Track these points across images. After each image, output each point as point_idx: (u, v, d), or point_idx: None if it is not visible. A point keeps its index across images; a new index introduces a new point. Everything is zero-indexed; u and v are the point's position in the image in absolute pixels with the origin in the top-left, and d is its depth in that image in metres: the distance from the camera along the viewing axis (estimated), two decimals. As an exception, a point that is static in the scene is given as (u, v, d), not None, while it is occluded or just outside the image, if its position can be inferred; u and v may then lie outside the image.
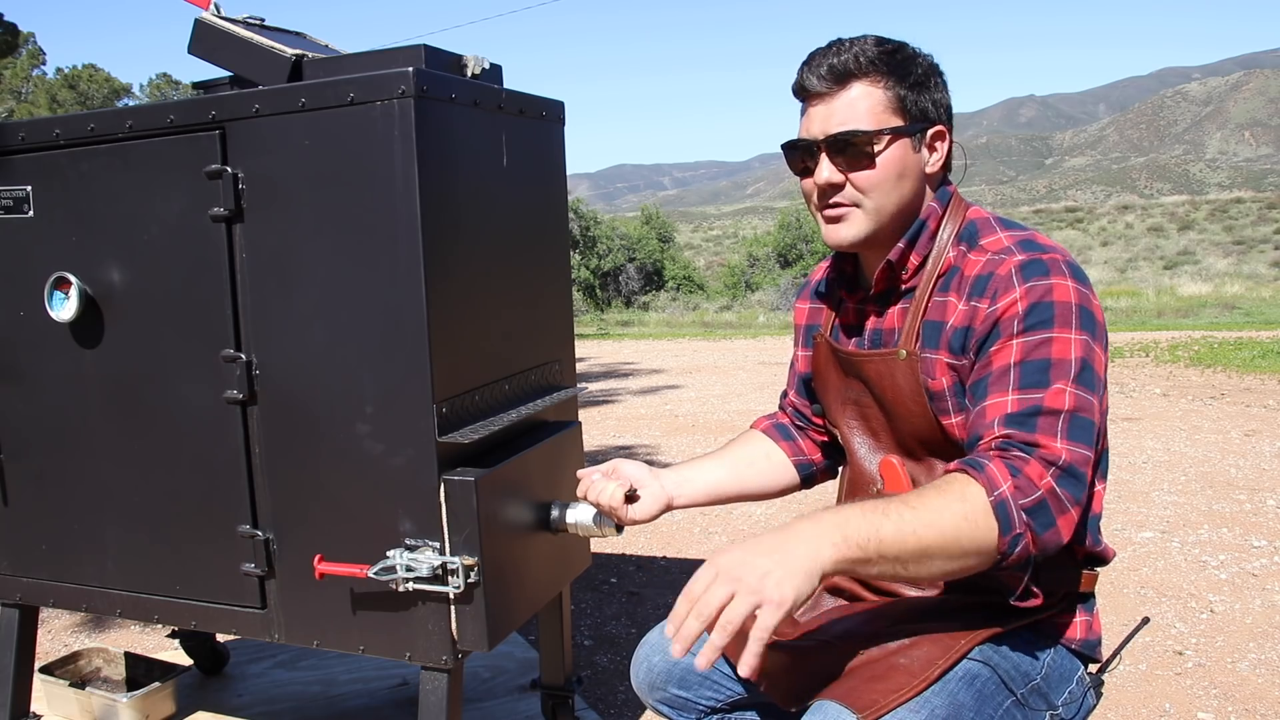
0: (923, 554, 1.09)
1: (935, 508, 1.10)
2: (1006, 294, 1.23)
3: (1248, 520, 4.05)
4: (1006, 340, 1.21)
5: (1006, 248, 1.28)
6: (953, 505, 1.10)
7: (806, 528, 1.07)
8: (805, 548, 1.04)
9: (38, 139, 1.77)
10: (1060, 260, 1.25)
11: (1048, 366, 1.18)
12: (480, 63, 1.72)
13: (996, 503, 1.10)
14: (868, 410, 1.42)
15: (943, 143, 1.35)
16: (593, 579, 3.53)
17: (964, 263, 1.31)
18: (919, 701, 1.18)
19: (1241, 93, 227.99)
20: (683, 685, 1.50)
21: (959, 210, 1.37)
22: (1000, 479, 1.12)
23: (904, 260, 1.35)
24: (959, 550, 1.10)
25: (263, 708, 2.30)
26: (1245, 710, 2.46)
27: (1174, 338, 10.84)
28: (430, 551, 1.53)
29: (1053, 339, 1.19)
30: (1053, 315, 1.20)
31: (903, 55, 1.32)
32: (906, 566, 1.09)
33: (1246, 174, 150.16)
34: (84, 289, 1.74)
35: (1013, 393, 1.18)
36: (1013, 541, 1.10)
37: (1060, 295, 1.21)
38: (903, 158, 1.31)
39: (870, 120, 1.29)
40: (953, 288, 1.31)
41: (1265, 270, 28.19)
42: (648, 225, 32.28)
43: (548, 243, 1.91)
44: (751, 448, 1.65)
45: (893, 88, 1.30)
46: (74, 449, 1.83)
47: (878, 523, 1.07)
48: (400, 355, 1.52)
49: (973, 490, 1.11)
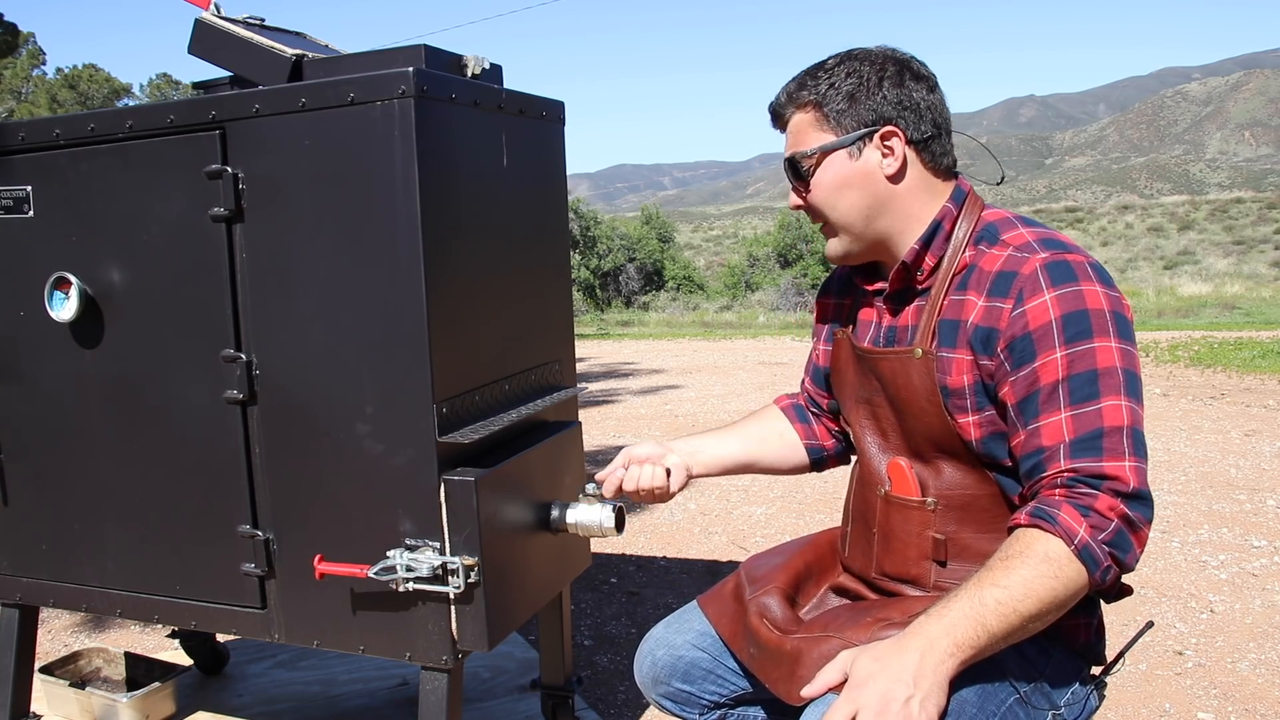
0: (1028, 621, 1.14)
1: (1026, 580, 1.13)
2: (1034, 297, 1.21)
3: (1248, 520, 4.05)
4: (1049, 354, 1.20)
5: (1028, 243, 1.27)
6: (1040, 570, 1.13)
7: (920, 645, 1.12)
8: (930, 666, 1.10)
9: (38, 139, 1.77)
10: (1085, 263, 1.24)
11: (1095, 377, 1.18)
12: (480, 63, 1.72)
13: (1080, 549, 1.13)
14: (879, 410, 1.42)
15: (897, 140, 1.32)
16: (593, 579, 3.53)
17: (982, 259, 1.30)
18: None
19: (1241, 93, 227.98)
20: (687, 679, 1.50)
21: (974, 210, 1.36)
22: (1075, 525, 1.14)
23: (919, 261, 1.35)
24: (1060, 605, 1.15)
25: (263, 708, 2.30)
26: (1245, 710, 2.46)
27: (1174, 338, 10.84)
28: (430, 551, 1.53)
29: (1095, 349, 1.19)
30: (1090, 325, 1.19)
31: (839, 71, 1.34)
32: (1018, 636, 1.15)
33: (1246, 174, 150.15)
34: (84, 289, 1.74)
35: (1066, 410, 1.18)
36: (1103, 575, 1.14)
37: (1093, 302, 1.20)
38: (839, 170, 1.34)
39: (806, 144, 1.36)
40: (971, 285, 1.30)
41: (1265, 270, 28.18)
42: (648, 225, 32.28)
43: (548, 243, 1.91)
44: (767, 425, 1.69)
45: (819, 106, 1.34)
46: (74, 449, 1.83)
47: (981, 617, 1.12)
48: (400, 355, 1.52)
49: (1054, 547, 1.14)
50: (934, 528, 1.33)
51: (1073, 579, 1.13)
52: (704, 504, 4.59)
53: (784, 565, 1.51)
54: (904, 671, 1.10)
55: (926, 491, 1.34)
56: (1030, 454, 1.21)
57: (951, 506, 1.33)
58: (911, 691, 1.08)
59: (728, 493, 4.78)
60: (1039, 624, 1.15)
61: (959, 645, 1.11)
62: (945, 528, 1.32)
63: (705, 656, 1.50)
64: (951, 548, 1.32)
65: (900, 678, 1.09)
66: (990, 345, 1.25)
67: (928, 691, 1.09)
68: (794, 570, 1.51)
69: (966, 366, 1.28)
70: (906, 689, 1.08)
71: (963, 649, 1.11)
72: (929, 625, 1.13)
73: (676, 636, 1.54)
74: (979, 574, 1.16)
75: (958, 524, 1.32)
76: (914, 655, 1.11)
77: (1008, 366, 1.23)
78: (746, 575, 1.52)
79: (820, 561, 1.54)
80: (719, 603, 1.53)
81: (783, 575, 1.48)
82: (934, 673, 1.10)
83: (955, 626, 1.12)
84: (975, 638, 1.11)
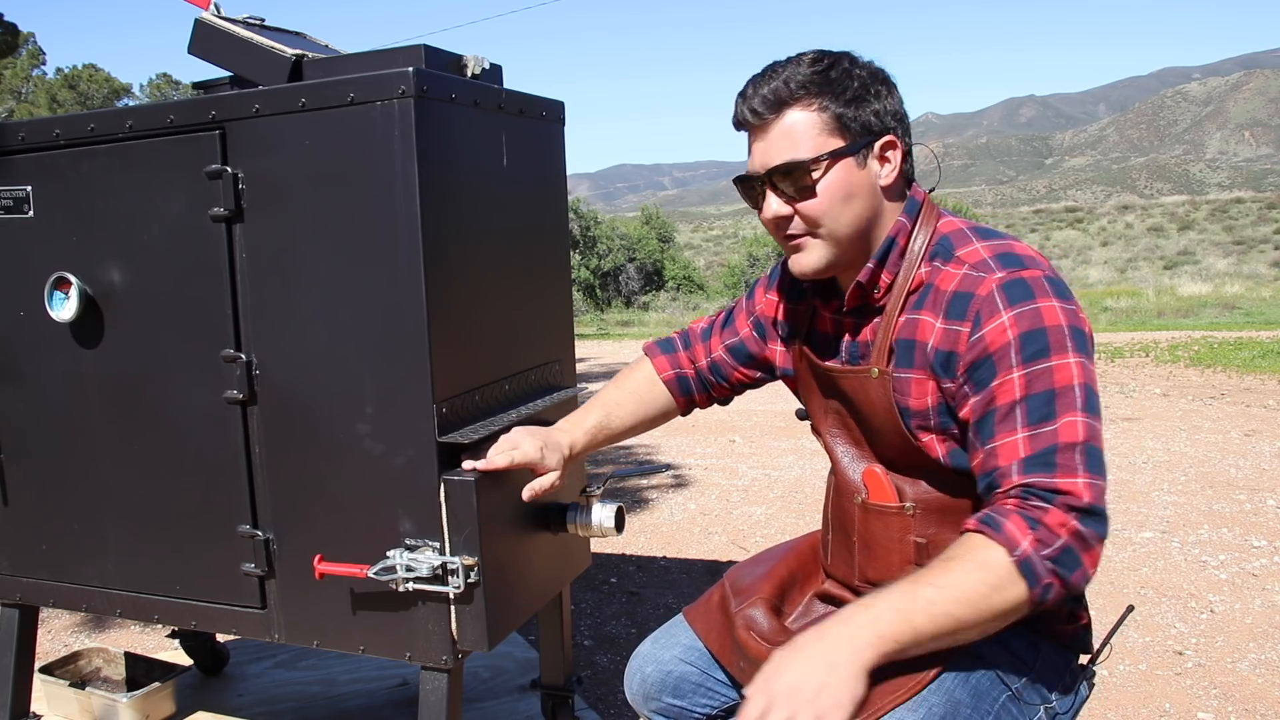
0: (959, 628, 1.11)
1: (961, 583, 1.11)
2: (991, 319, 1.19)
3: (1248, 520, 4.05)
4: (1006, 374, 1.18)
5: (984, 261, 1.23)
6: (976, 576, 1.11)
7: (841, 633, 1.10)
8: (846, 654, 1.08)
9: (38, 139, 1.77)
10: (1042, 277, 1.21)
11: (1053, 397, 1.15)
12: (480, 63, 1.72)
13: (1020, 561, 1.10)
14: (849, 420, 1.40)
15: (895, 151, 1.29)
16: (593, 579, 3.53)
17: (938, 277, 1.27)
18: (916, 701, 1.19)
19: (1241, 93, 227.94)
20: (677, 694, 1.49)
21: (930, 221, 1.31)
22: (1019, 536, 1.11)
23: (874, 280, 1.32)
24: (994, 615, 1.12)
25: (263, 708, 2.30)
26: (1245, 710, 2.46)
27: (1174, 338, 10.84)
28: (430, 551, 1.53)
29: (1053, 368, 1.16)
30: (1048, 343, 1.16)
31: (837, 70, 1.26)
32: (947, 640, 1.13)
33: (1246, 174, 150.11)
34: (84, 289, 1.74)
35: (1023, 430, 1.16)
36: (1043, 591, 1.11)
37: (1051, 319, 1.17)
38: (847, 179, 1.26)
39: (808, 147, 1.25)
40: (927, 305, 1.27)
41: (1265, 270, 28.18)
42: (648, 225, 32.26)
43: (548, 243, 1.91)
44: (625, 388, 1.66)
45: (828, 107, 1.25)
46: (74, 449, 1.83)
47: (909, 612, 1.10)
48: (400, 355, 1.52)
49: (994, 555, 1.11)
50: (914, 532, 1.32)
51: (1009, 591, 1.11)
52: (704, 504, 4.59)
53: (768, 575, 1.50)
54: (819, 657, 1.08)
55: (904, 497, 1.32)
56: (987, 473, 1.19)
57: (930, 510, 1.31)
58: (823, 679, 1.06)
59: (728, 493, 4.78)
60: (974, 632, 1.13)
61: (881, 637, 1.09)
62: (926, 530, 1.31)
63: (694, 670, 1.49)
64: (934, 550, 1.30)
65: (814, 664, 1.08)
66: (951, 368, 1.23)
67: (840, 680, 1.07)
68: (778, 579, 1.49)
69: (929, 389, 1.26)
70: (819, 676, 1.07)
71: (885, 641, 1.09)
72: (855, 614, 1.12)
73: (664, 652, 1.52)
74: (919, 571, 1.15)
75: (938, 526, 1.31)
76: (831, 642, 1.10)
77: (968, 389, 1.22)
78: (731, 586, 1.50)
79: (804, 568, 1.53)
80: (706, 616, 1.51)
81: (767, 585, 1.47)
82: (851, 661, 1.08)
83: (881, 618, 1.10)
84: (900, 632, 1.09)
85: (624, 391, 1.65)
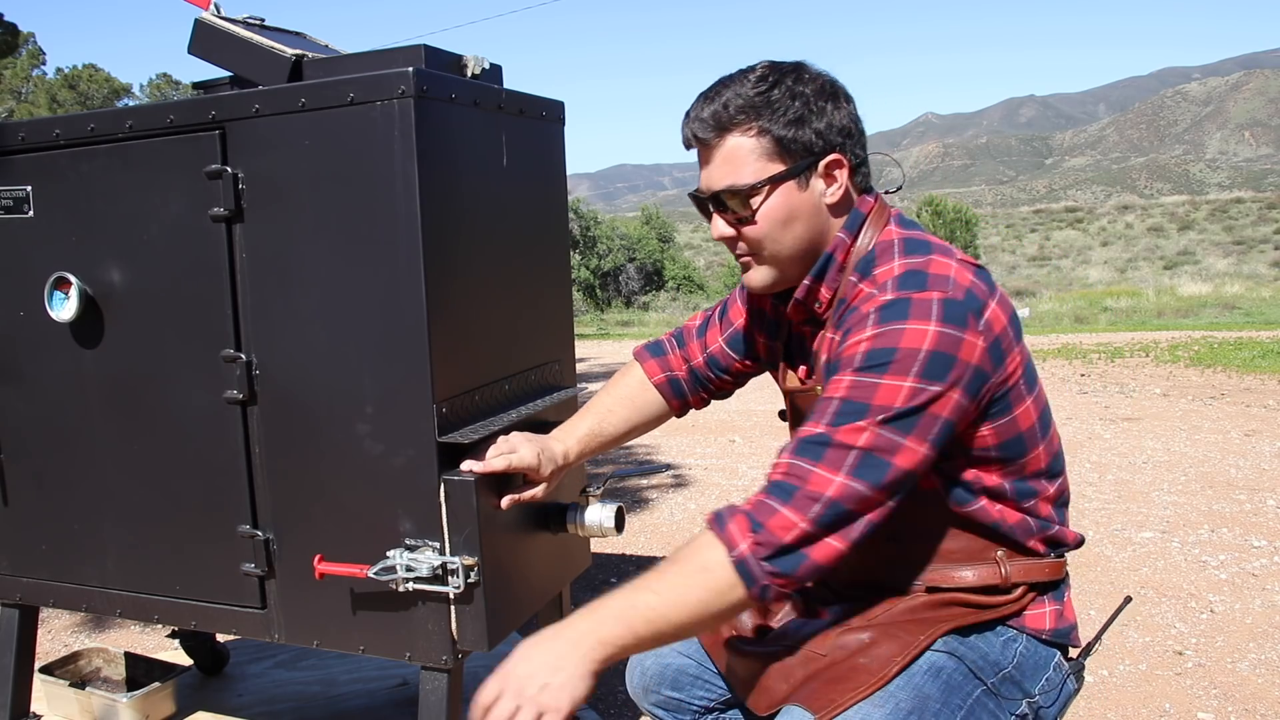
0: (682, 628, 1.16)
1: (679, 587, 1.15)
2: (857, 333, 1.19)
3: (1248, 520, 4.05)
4: (841, 374, 1.18)
5: (888, 280, 1.22)
6: (695, 579, 1.14)
7: (570, 635, 1.15)
8: (572, 658, 1.13)
9: (38, 139, 1.77)
10: (935, 299, 1.16)
11: (865, 410, 1.14)
12: (480, 63, 1.72)
13: (736, 562, 1.13)
14: None
15: (840, 170, 1.27)
16: (593, 579, 3.53)
17: (853, 293, 1.27)
18: (883, 695, 1.20)
19: (1241, 93, 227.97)
20: (675, 686, 1.51)
21: (873, 231, 1.30)
22: (739, 537, 1.13)
23: (813, 296, 1.32)
24: (714, 614, 1.16)
25: (263, 708, 2.30)
26: (1245, 710, 2.46)
27: (1174, 338, 10.84)
28: (430, 551, 1.53)
29: (880, 385, 1.14)
30: (890, 360, 1.14)
31: (780, 90, 1.24)
32: (673, 639, 1.18)
33: (1246, 174, 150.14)
34: (84, 289, 1.74)
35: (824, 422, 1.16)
36: (761, 592, 1.14)
37: (910, 341, 1.14)
38: (787, 203, 1.26)
39: (748, 172, 1.25)
40: (841, 321, 1.27)
41: (1265, 270, 28.19)
42: (648, 225, 32.26)
43: (548, 243, 1.91)
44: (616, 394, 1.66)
45: (768, 130, 1.24)
46: (74, 449, 1.83)
47: (630, 620, 1.14)
48: (400, 355, 1.52)
49: (714, 556, 1.14)
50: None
51: (728, 594, 1.14)
52: (704, 504, 4.59)
53: None
54: (549, 656, 1.13)
55: None
56: None
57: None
58: (548, 679, 1.12)
59: (728, 493, 4.78)
60: (694, 631, 1.18)
61: (603, 642, 1.13)
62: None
63: (691, 663, 1.51)
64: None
65: (545, 661, 1.13)
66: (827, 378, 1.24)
67: (564, 681, 1.12)
68: None
69: None
70: (545, 674, 1.12)
71: (607, 646, 1.13)
72: (581, 619, 1.16)
73: None
74: (647, 573, 1.18)
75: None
76: (562, 643, 1.14)
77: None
78: None
79: None
80: None
81: None
82: (577, 665, 1.12)
83: (604, 624, 1.14)
84: (620, 638, 1.14)
85: (615, 397, 1.65)
